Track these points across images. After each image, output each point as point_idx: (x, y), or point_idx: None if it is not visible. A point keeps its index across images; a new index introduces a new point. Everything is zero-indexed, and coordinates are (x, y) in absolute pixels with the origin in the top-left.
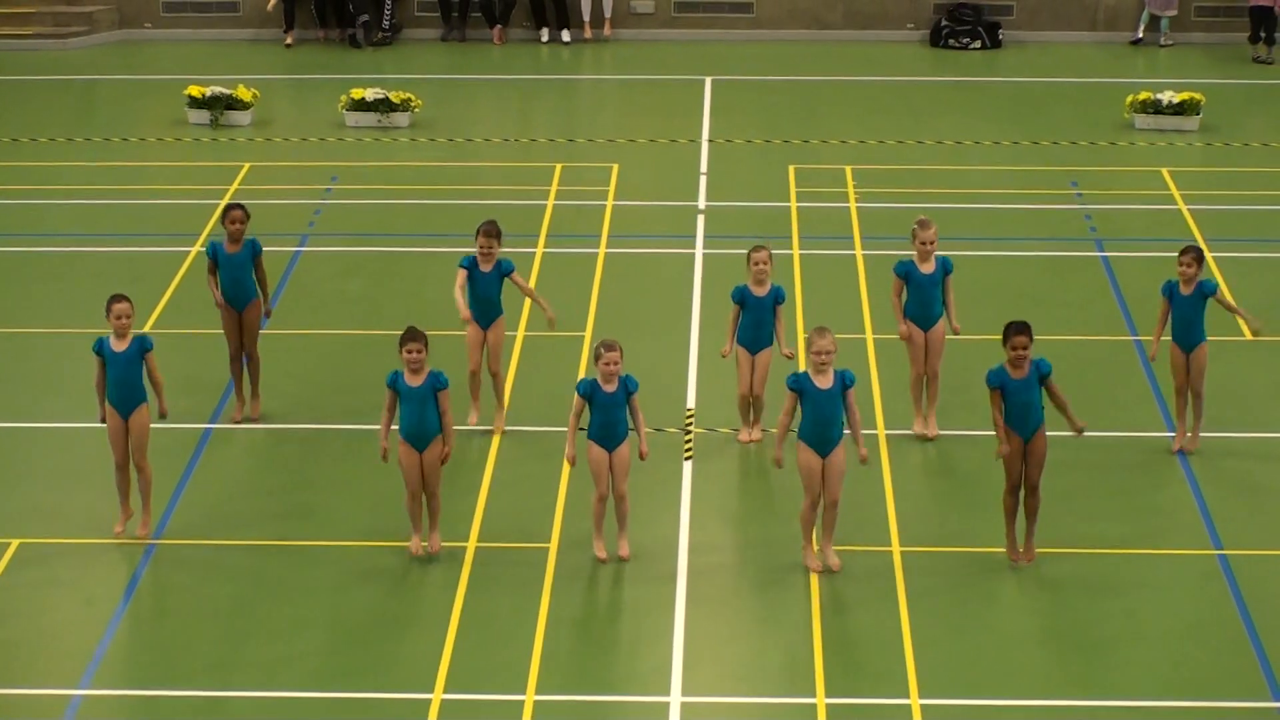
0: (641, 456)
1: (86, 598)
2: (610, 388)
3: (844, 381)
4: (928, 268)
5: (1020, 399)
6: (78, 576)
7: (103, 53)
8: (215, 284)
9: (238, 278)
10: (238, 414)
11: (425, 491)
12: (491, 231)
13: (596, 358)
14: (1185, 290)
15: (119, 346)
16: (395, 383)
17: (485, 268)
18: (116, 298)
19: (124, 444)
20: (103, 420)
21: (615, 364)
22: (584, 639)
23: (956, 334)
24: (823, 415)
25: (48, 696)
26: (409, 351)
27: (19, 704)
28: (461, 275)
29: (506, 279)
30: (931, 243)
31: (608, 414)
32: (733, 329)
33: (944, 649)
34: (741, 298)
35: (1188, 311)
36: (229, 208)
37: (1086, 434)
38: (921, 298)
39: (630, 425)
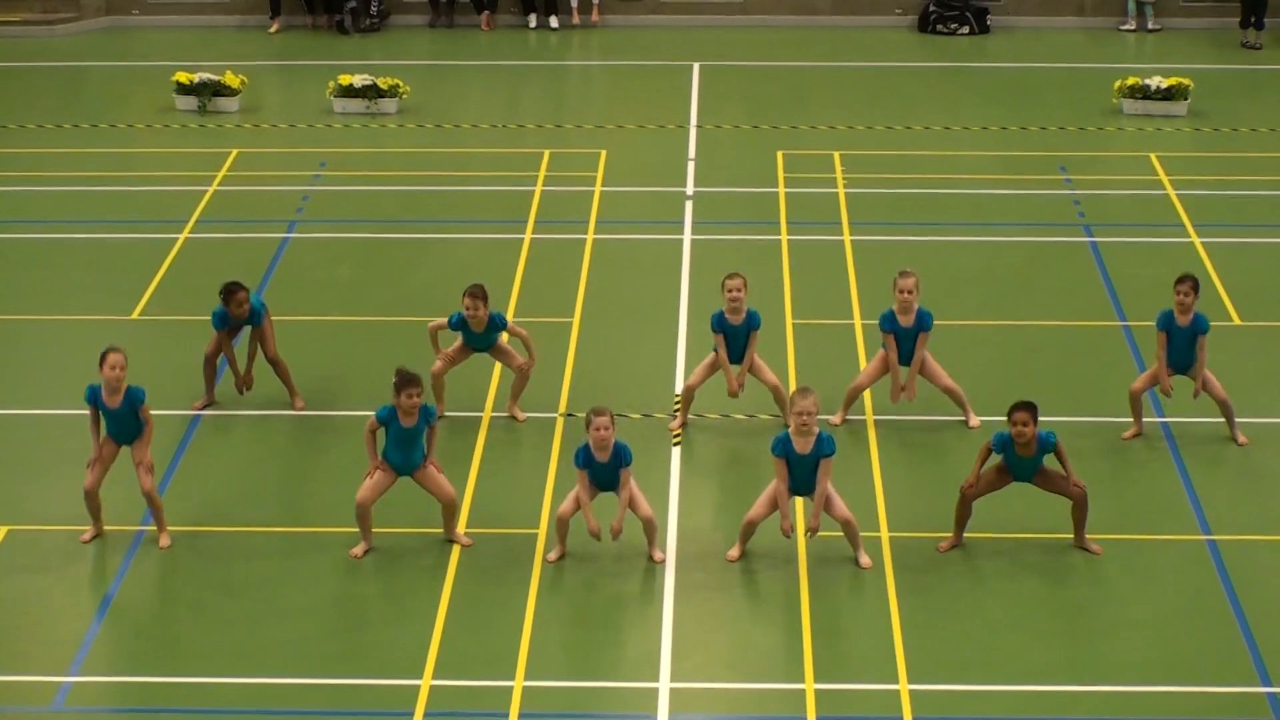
0: (614, 534)
1: (75, 585)
2: (604, 457)
3: (820, 450)
4: (907, 320)
5: (1018, 467)
6: (67, 564)
7: (90, 39)
8: (233, 355)
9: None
10: (198, 404)
11: (441, 500)
12: (477, 294)
13: (587, 425)
14: (1182, 320)
15: (112, 402)
16: (389, 421)
17: (477, 329)
18: (111, 348)
19: (108, 468)
20: (92, 462)
21: (606, 429)
22: (573, 624)
23: (908, 395)
24: (802, 477)
25: (37, 683)
26: (409, 397)
27: (9, 690)
28: (441, 322)
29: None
30: (909, 292)
31: (603, 479)
32: (725, 357)
33: (932, 634)
34: (721, 327)
35: (1183, 343)
36: (232, 289)
37: (1076, 420)
38: (902, 350)
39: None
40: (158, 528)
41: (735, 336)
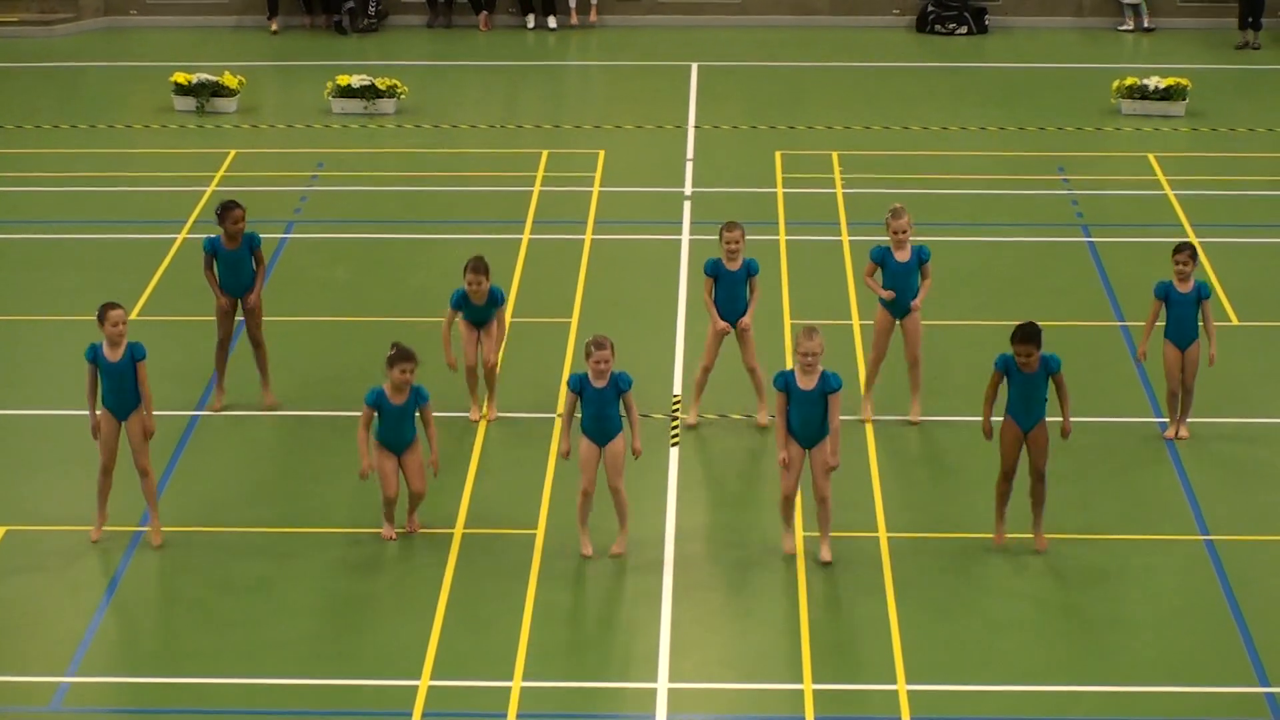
0: (635, 454)
1: (74, 585)
2: (601, 384)
3: (826, 385)
4: (902, 255)
5: (1024, 390)
6: (65, 564)
7: (88, 40)
8: (214, 279)
9: (238, 271)
10: (218, 404)
11: (411, 490)
12: (479, 268)
13: (587, 355)
14: (1182, 288)
15: (114, 355)
16: (378, 402)
17: (478, 302)
18: (111, 305)
19: (114, 446)
20: (95, 430)
21: (605, 362)
22: (571, 625)
23: (914, 309)
24: (807, 415)
25: (35, 683)
26: (401, 372)
27: (7, 690)
28: (450, 315)
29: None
30: (903, 231)
31: (599, 409)
32: (710, 301)
33: (931, 634)
34: (715, 271)
35: (1185, 310)
36: (229, 206)
37: (1075, 420)
38: (895, 285)
39: (626, 421)
40: (150, 512)
41: (732, 283)
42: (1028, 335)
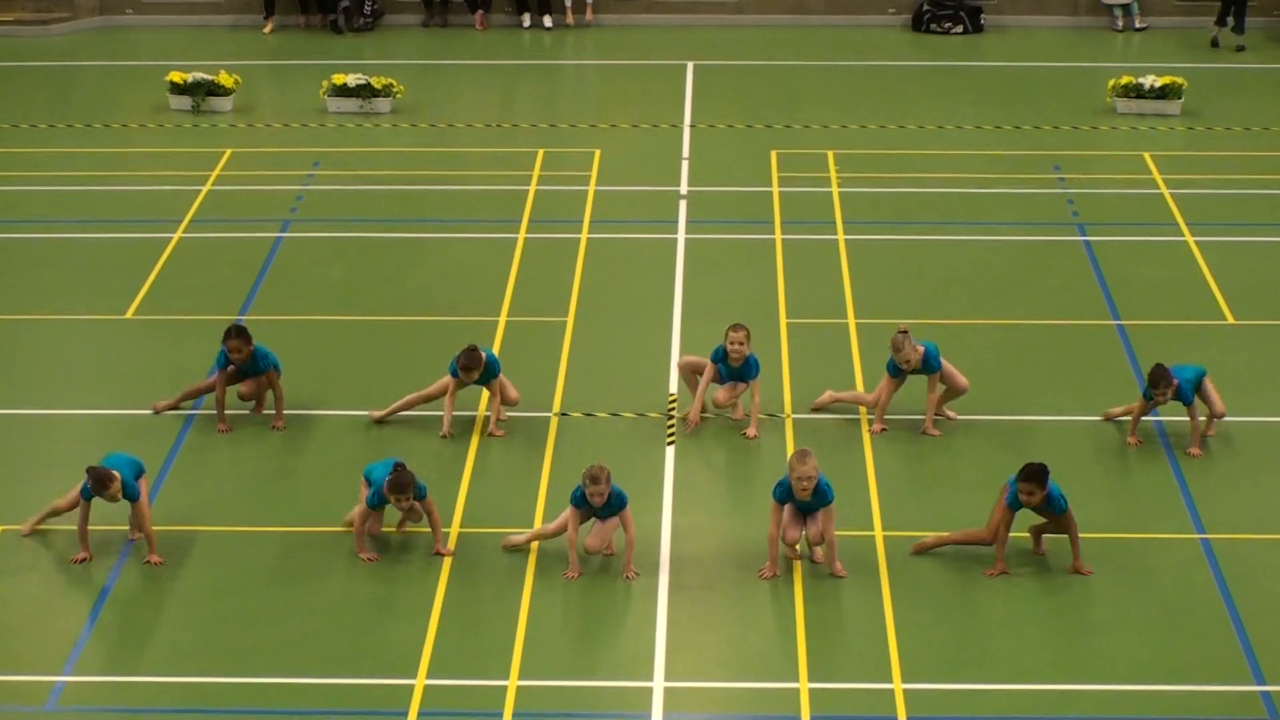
0: (627, 577)
1: (69, 584)
2: (599, 503)
3: (822, 500)
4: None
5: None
6: (60, 563)
7: (84, 39)
8: (222, 398)
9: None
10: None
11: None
12: (472, 366)
13: (584, 480)
14: (1163, 404)
15: (111, 502)
16: (379, 505)
17: (470, 382)
18: (111, 477)
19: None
20: (82, 561)
21: (600, 495)
22: (567, 624)
23: (926, 433)
24: (798, 511)
25: (30, 683)
26: (397, 500)
27: (2, 690)
28: (452, 385)
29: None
30: (909, 362)
31: (599, 511)
32: (704, 388)
33: (927, 633)
34: (719, 360)
35: (1178, 410)
36: (230, 333)
37: (1071, 419)
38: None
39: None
40: (149, 546)
41: (730, 372)
42: (1031, 474)
